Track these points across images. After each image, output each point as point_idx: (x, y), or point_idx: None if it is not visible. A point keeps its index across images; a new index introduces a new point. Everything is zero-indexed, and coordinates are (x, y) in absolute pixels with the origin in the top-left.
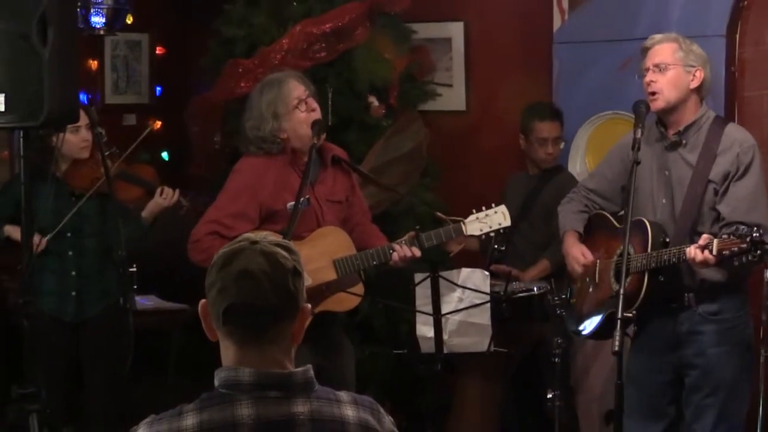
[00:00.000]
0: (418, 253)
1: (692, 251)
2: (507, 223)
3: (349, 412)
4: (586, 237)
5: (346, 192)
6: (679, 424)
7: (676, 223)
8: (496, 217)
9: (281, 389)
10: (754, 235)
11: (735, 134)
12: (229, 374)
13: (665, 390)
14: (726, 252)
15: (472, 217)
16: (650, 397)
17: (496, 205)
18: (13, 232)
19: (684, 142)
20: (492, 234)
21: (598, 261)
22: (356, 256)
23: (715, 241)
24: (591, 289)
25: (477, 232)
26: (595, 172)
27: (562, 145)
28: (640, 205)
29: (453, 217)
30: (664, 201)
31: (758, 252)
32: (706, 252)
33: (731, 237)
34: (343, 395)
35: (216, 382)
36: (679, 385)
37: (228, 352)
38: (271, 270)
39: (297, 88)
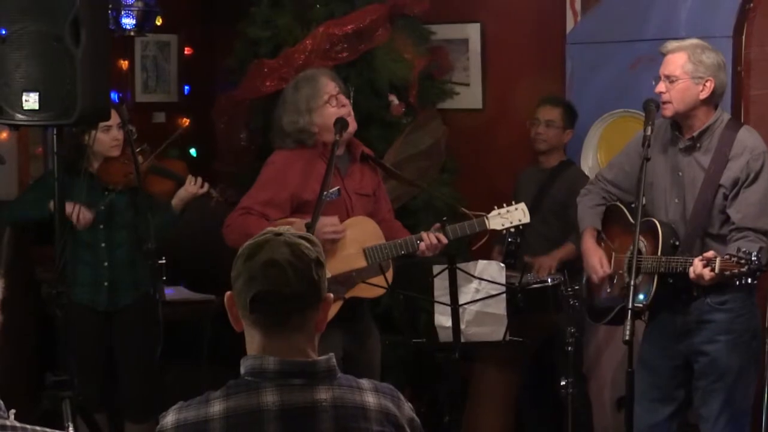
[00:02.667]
0: (444, 239)
1: (698, 266)
2: (526, 219)
3: (370, 399)
4: (604, 228)
5: (374, 187)
6: (686, 408)
7: (688, 224)
8: (517, 214)
9: (305, 377)
10: (753, 259)
11: (747, 140)
12: (254, 362)
13: (674, 375)
14: (727, 272)
15: (494, 213)
16: (660, 382)
17: (516, 203)
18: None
19: (698, 145)
20: (512, 230)
21: (613, 253)
22: (385, 245)
23: (718, 260)
24: (605, 282)
25: (499, 227)
26: (613, 163)
27: (566, 135)
28: (654, 201)
29: (477, 212)
30: (676, 201)
31: (757, 275)
32: (707, 269)
33: (733, 259)
34: (365, 383)
35: (242, 370)
36: (687, 370)
37: (253, 340)
38: (296, 260)
39: (329, 84)
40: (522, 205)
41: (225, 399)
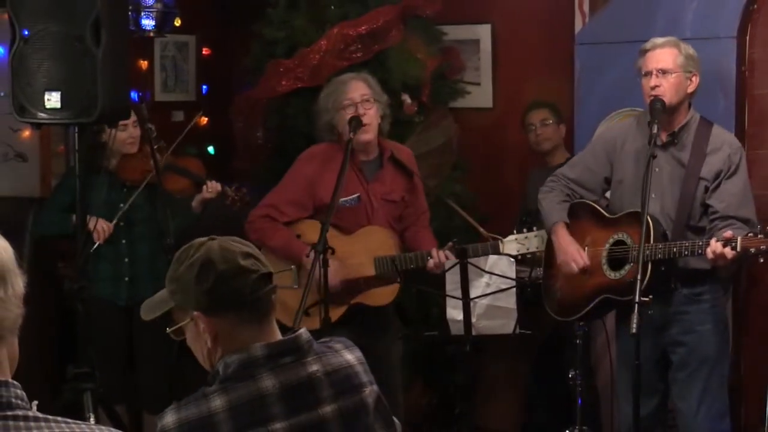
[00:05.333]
0: (453, 259)
1: (718, 246)
2: (543, 247)
3: (349, 356)
4: (570, 225)
5: (403, 192)
6: (667, 399)
7: (675, 217)
8: (535, 241)
9: (292, 353)
10: None
11: (723, 136)
12: (241, 356)
13: (654, 368)
14: (752, 249)
15: (510, 237)
16: (642, 376)
17: (537, 229)
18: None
19: (676, 141)
20: (528, 255)
21: (586, 248)
22: (395, 256)
23: (739, 239)
24: (578, 278)
25: (513, 252)
26: (576, 162)
27: (561, 130)
28: (623, 199)
29: (493, 235)
30: (653, 196)
31: None
32: (728, 248)
33: (759, 236)
34: (336, 344)
35: (226, 369)
36: (664, 363)
37: (236, 339)
38: (251, 249)
39: (355, 90)
40: (542, 233)
41: (224, 392)
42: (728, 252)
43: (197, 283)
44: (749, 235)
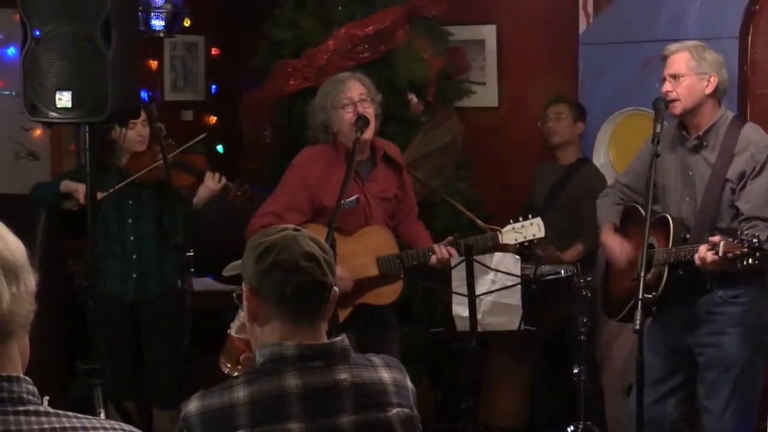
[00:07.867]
0: (454, 253)
1: (703, 251)
2: (541, 234)
3: (385, 374)
4: (622, 228)
5: (396, 189)
6: (686, 400)
7: (696, 218)
8: (532, 229)
9: (323, 359)
10: (753, 240)
11: (751, 136)
12: (273, 349)
13: (675, 367)
14: (730, 254)
15: (508, 228)
16: (660, 374)
17: (533, 217)
18: (69, 184)
19: (705, 143)
20: (526, 244)
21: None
22: (398, 255)
23: (722, 243)
24: (623, 278)
25: (512, 242)
26: (629, 169)
27: (577, 127)
28: (667, 201)
29: (491, 226)
30: (687, 199)
31: (757, 255)
32: (710, 252)
33: (735, 241)
34: (375, 359)
35: (260, 359)
36: (688, 363)
37: (275, 331)
38: (324, 253)
39: (353, 90)
40: (538, 220)
41: (248, 384)
42: (709, 256)
43: (255, 260)
44: (730, 240)
